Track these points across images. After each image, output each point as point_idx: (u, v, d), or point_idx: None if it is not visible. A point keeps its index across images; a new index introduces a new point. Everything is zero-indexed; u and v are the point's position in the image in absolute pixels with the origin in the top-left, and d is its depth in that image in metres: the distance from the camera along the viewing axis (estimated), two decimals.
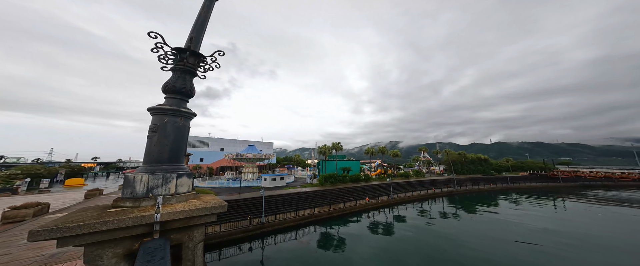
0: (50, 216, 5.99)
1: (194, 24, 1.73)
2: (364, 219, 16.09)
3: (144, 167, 1.32)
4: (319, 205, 17.02)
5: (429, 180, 32.36)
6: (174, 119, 1.44)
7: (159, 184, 1.28)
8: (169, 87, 1.50)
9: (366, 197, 20.48)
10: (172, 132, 1.42)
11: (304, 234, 12.59)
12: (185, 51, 1.57)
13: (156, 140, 1.37)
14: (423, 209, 19.72)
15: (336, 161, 30.67)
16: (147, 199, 1.23)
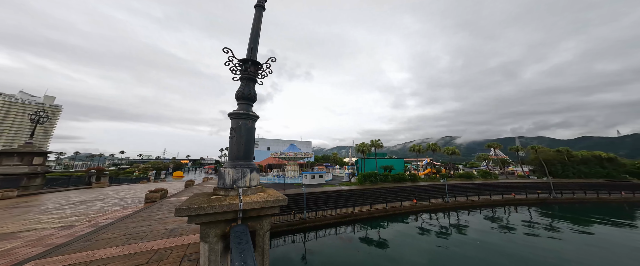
0: (169, 199, 8.28)
1: (250, 35, 1.97)
2: (411, 222, 14.50)
3: (230, 162, 1.59)
4: (359, 204, 16.56)
5: (504, 183, 25.55)
6: (245, 122, 1.69)
7: (239, 177, 1.52)
8: (239, 95, 1.76)
9: (413, 199, 18.39)
10: (244, 133, 1.67)
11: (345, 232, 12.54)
12: (248, 61, 1.80)
13: (235, 140, 1.62)
14: (496, 217, 15.75)
15: (376, 159, 28.96)
16: (233, 190, 1.47)
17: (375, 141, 29.54)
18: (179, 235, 4.31)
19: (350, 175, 28.58)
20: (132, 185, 15.94)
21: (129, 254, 3.33)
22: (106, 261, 3.03)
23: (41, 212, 6.19)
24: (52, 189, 11.41)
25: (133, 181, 24.21)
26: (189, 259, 3.20)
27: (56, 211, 6.32)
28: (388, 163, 30.61)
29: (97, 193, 10.13)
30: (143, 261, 3.20)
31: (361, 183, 22.45)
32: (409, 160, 46.96)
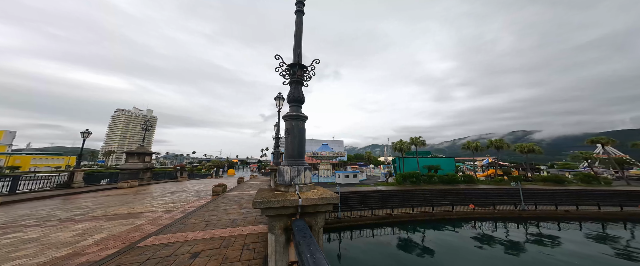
0: (228, 193, 9.82)
1: (294, 41, 2.09)
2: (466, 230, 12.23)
3: (286, 161, 1.74)
4: (398, 206, 15.20)
5: (624, 191, 18.23)
6: (297, 123, 1.81)
7: (296, 175, 1.63)
8: (290, 97, 1.89)
9: (470, 204, 15.47)
10: (297, 133, 1.79)
11: (382, 234, 11.73)
12: (295, 65, 1.91)
13: (290, 140, 1.76)
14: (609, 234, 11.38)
15: (417, 158, 25.97)
16: (291, 186, 1.59)
17: (415, 138, 26.48)
18: (239, 226, 4.96)
19: (387, 175, 26.64)
20: (202, 179, 19.84)
21: (207, 238, 4.07)
22: (195, 243, 3.77)
23: (152, 199, 8.44)
24: (155, 181, 15.51)
25: (202, 176, 30.07)
26: (248, 248, 3.67)
27: (160, 198, 8.49)
28: (433, 163, 26.85)
29: (182, 186, 13.00)
30: (216, 245, 3.85)
31: (400, 184, 20.56)
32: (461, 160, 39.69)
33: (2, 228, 4.54)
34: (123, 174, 13.41)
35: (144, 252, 3.35)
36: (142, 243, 3.69)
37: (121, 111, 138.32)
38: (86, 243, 3.69)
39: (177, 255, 3.30)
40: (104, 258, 3.13)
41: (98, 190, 10.26)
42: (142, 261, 3.03)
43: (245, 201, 7.80)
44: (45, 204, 7.18)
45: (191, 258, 3.18)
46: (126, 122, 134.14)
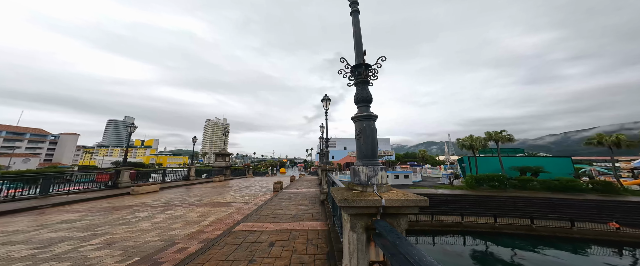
0: (285, 190, 11.01)
1: (354, 42, 2.09)
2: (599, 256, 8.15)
3: (361, 161, 1.76)
4: (470, 213, 12.22)
5: None
6: (369, 123, 1.81)
7: (372, 175, 1.63)
8: (359, 98, 1.91)
9: (611, 222, 10.45)
10: (370, 133, 1.78)
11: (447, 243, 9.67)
12: (361, 66, 1.92)
13: (363, 141, 1.77)
14: None
15: (499, 157, 20.15)
16: (369, 186, 1.60)
17: (496, 133, 20.54)
18: (299, 221, 5.39)
19: (451, 177, 21.87)
20: (262, 177, 23.25)
21: (277, 230, 4.63)
22: (269, 233, 4.38)
23: (233, 191, 10.62)
24: (232, 177, 19.59)
25: (262, 174, 35.27)
26: (311, 243, 3.95)
27: (238, 192, 10.55)
28: (529, 163, 19.83)
29: (250, 182, 15.69)
30: (285, 237, 4.31)
31: (472, 188, 16.41)
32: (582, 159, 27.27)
33: (163, 206, 6.88)
34: (214, 170, 17.82)
35: (238, 236, 4.17)
36: (235, 228, 4.62)
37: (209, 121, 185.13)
38: (205, 223, 4.98)
39: (259, 242, 3.91)
40: (217, 236, 4.13)
41: (202, 183, 14.02)
42: (239, 243, 3.79)
43: (300, 199, 8.46)
44: (178, 191, 10.45)
45: (269, 246, 3.71)
46: (212, 129, 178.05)
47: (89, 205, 6.73)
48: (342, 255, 2.90)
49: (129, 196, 8.51)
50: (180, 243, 3.73)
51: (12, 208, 5.83)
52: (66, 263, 2.94)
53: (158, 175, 13.22)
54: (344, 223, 1.78)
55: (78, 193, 8.35)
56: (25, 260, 3.03)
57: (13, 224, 4.72)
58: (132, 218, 5.24)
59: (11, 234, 4.06)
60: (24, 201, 6.79)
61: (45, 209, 6.05)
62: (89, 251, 3.36)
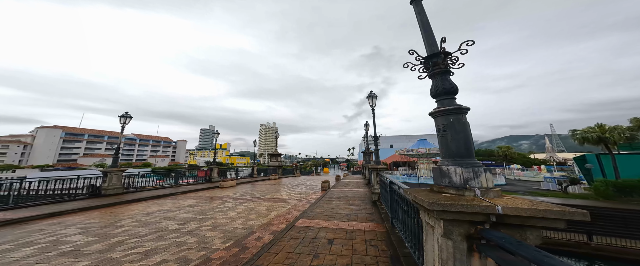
0: (333, 189, 11.14)
1: (423, 31, 1.87)
2: None
3: (450, 161, 1.54)
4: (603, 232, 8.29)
5: None
6: (458, 116, 1.57)
7: (471, 177, 1.39)
8: (439, 91, 1.70)
9: None
10: (460, 128, 1.54)
11: None
12: (437, 55, 1.70)
13: (450, 138, 1.55)
14: None
15: None
16: (467, 190, 1.36)
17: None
18: (353, 221, 5.24)
19: (565, 181, 15.53)
20: (308, 176, 24.48)
21: (333, 228, 4.67)
22: (326, 230, 4.49)
23: (287, 189, 11.63)
24: (284, 176, 21.77)
25: (307, 173, 37.28)
26: (371, 244, 3.77)
27: (291, 189, 11.48)
28: None
29: (299, 181, 16.87)
30: (342, 236, 4.28)
31: (606, 198, 11.10)
32: None
33: (240, 199, 8.28)
34: (270, 169, 20.45)
35: (300, 231, 4.46)
36: (296, 223, 4.95)
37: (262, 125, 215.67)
38: (271, 217, 5.61)
39: (319, 238, 4.06)
40: (282, 229, 4.56)
41: (262, 180, 16.34)
42: (301, 238, 4.06)
43: (350, 198, 8.29)
44: (247, 186, 12.57)
45: (328, 243, 3.78)
46: (265, 133, 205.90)
47: (198, 194, 9.11)
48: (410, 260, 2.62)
49: (218, 189, 10.91)
50: (257, 232, 4.36)
51: (162, 193, 8.75)
52: (195, 238, 3.92)
53: (233, 173, 16.49)
54: (426, 228, 1.59)
55: (191, 185, 11.59)
56: (175, 232, 4.26)
57: (165, 205, 7.01)
58: (224, 208, 6.35)
59: (166, 212, 6.01)
60: (167, 189, 10.06)
61: (177, 195, 8.70)
62: (205, 231, 4.27)
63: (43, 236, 3.97)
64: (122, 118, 9.37)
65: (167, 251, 3.35)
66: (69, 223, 4.77)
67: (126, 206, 6.57)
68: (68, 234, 4.11)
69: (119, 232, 4.21)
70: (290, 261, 3.07)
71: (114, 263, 2.95)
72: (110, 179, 8.17)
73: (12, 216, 5.02)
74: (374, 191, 7.13)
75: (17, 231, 4.27)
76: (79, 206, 6.20)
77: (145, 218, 5.19)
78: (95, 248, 3.50)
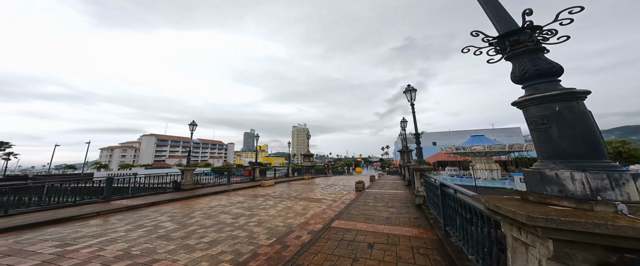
0: (368, 190, 10.58)
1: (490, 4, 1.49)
2: None
3: (559, 162, 1.14)
4: None
5: None
6: (569, 104, 1.16)
7: (605, 186, 0.98)
8: (528, 74, 1.30)
9: None
10: (575, 119, 1.13)
11: None
12: (522, 31, 1.30)
13: (557, 132, 1.16)
14: None
15: None
16: (599, 203, 0.97)
17: None
18: (395, 225, 4.76)
19: None
20: (340, 176, 24.14)
21: (372, 231, 4.32)
22: (364, 233, 4.21)
23: (321, 189, 11.59)
24: (316, 175, 22.19)
25: (339, 173, 36.94)
26: (419, 252, 3.29)
27: (325, 189, 11.45)
28: None
29: (331, 180, 16.83)
30: (383, 240, 3.90)
31: None
32: None
33: (279, 197, 8.73)
34: (303, 169, 21.28)
35: (337, 232, 4.31)
36: (332, 224, 4.83)
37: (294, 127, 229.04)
38: (308, 216, 5.64)
39: (357, 241, 3.83)
40: (319, 230, 4.52)
41: (297, 180, 17.07)
42: (339, 240, 3.91)
43: (388, 200, 7.65)
44: (284, 186, 13.30)
45: (369, 248, 3.53)
46: (297, 134, 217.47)
47: (245, 192, 10.25)
48: None
49: (260, 187, 12.00)
50: (296, 231, 4.44)
51: (219, 190, 10.29)
52: (245, 232, 4.19)
53: (271, 172, 17.94)
54: (514, 246, 1.22)
55: (239, 183, 13.22)
56: (230, 225, 4.60)
57: (221, 200, 8.13)
58: (266, 205, 6.62)
59: (223, 206, 6.85)
60: (222, 186, 11.79)
61: (230, 192, 10.05)
62: (252, 226, 4.52)
63: (148, 221, 5.11)
64: (190, 126, 11.56)
65: (224, 243, 3.70)
66: (163, 212, 6.06)
67: (196, 200, 7.96)
68: (162, 220, 5.10)
69: (192, 222, 4.90)
70: (329, 263, 3.00)
71: (189, 249, 3.41)
72: (186, 176, 10.13)
73: (130, 203, 6.84)
74: (418, 193, 6.38)
75: (134, 215, 5.70)
76: (168, 197, 7.90)
77: (209, 212, 5.91)
78: (178, 234, 4.12)
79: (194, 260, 3.06)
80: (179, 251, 3.34)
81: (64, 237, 3.99)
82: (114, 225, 4.74)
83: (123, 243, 3.67)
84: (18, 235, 4.10)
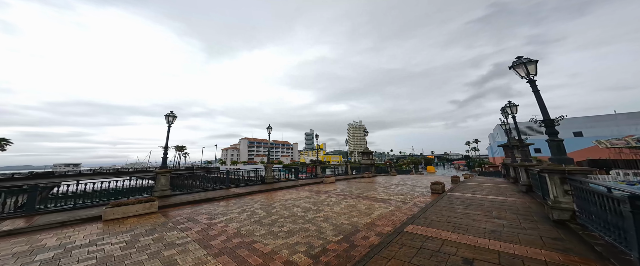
0: (451, 194, 8.48)
1: None
2: None
3: None
4: None
5: None
6: None
7: None
8: None
9: None
10: None
11: None
12: None
13: None
14: None
15: None
16: None
17: None
18: (508, 241, 3.51)
19: None
20: (407, 175, 21.01)
21: (469, 245, 3.42)
22: (456, 245, 3.40)
23: (385, 188, 10.54)
24: (376, 174, 20.69)
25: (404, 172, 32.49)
26: None
27: (389, 189, 10.26)
28: None
29: (396, 180, 15.01)
30: (491, 259, 2.95)
31: None
32: None
33: (341, 195, 8.88)
34: (362, 167, 20.61)
35: (413, 239, 3.75)
36: (405, 228, 4.28)
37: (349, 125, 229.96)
38: (373, 216, 5.38)
39: (445, 253, 3.16)
40: (389, 233, 4.14)
41: (356, 178, 16.74)
42: (417, 247, 3.39)
43: (488, 208, 5.80)
44: (344, 183, 13.49)
45: (464, 263, 2.85)
46: (352, 132, 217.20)
47: (310, 188, 11.40)
48: None
49: (322, 184, 12.91)
50: (362, 231, 4.31)
51: (290, 185, 12.17)
52: (314, 226, 4.51)
53: (331, 170, 18.86)
54: None
55: (304, 179, 15.02)
56: (301, 218, 5.13)
57: (292, 194, 9.47)
58: (330, 202, 6.98)
59: (294, 200, 7.78)
60: (291, 181, 13.91)
61: (298, 187, 11.58)
62: (319, 221, 4.84)
63: (248, 207, 6.42)
64: (268, 130, 14.60)
65: (298, 234, 4.11)
66: (256, 200, 7.78)
67: (275, 193, 9.85)
68: (256, 208, 6.35)
69: (274, 212, 5.83)
70: None
71: (274, 236, 4.03)
72: (267, 172, 12.93)
73: (239, 191, 9.61)
74: (557, 205, 4.22)
75: (241, 201, 7.82)
76: (258, 189, 10.39)
77: (285, 204, 6.87)
78: (266, 221, 4.95)
79: (278, 247, 3.61)
80: (267, 237, 4.02)
81: (209, 212, 5.97)
82: (231, 208, 6.47)
83: (236, 223, 4.88)
84: (192, 207, 6.90)
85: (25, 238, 4.08)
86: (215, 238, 4.00)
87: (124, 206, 5.43)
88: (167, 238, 4.04)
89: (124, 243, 3.80)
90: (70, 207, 6.01)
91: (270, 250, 3.53)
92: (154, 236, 4.10)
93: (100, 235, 4.27)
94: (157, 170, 8.53)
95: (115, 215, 5.28)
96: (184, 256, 3.25)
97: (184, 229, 4.54)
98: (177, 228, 4.62)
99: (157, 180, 8.26)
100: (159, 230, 4.50)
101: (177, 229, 4.55)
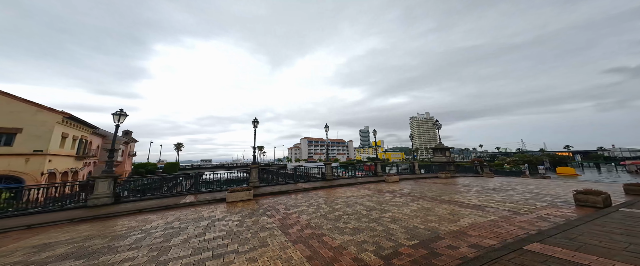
0: (625, 210, 5.22)
1: None
2: None
3: None
4: None
5: None
6: None
7: None
8: None
9: None
10: None
11: None
12: None
13: None
14: None
15: None
16: None
17: None
18: None
19: None
20: (511, 178, 15.03)
21: None
22: None
23: (476, 192, 8.21)
24: (459, 174, 16.30)
25: (508, 173, 23.39)
26: None
27: (486, 194, 7.82)
28: None
29: (495, 183, 11.10)
30: None
31: None
32: None
33: (409, 196, 7.88)
34: (435, 166, 17.03)
35: (546, 261, 2.71)
36: (526, 246, 3.17)
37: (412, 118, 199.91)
38: (462, 224, 4.37)
39: None
40: (492, 247, 3.20)
41: (427, 178, 14.10)
42: None
43: None
44: (410, 183, 11.69)
45: None
46: (417, 125, 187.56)
47: (371, 186, 10.90)
48: None
49: (384, 183, 11.93)
50: (446, 239, 3.63)
51: (349, 182, 12.25)
52: (381, 226, 4.33)
53: (392, 168, 17.05)
54: None
55: (362, 177, 14.59)
56: (365, 217, 5.03)
57: (353, 191, 9.45)
58: (397, 203, 6.48)
59: (356, 198, 7.77)
60: (350, 179, 13.96)
61: (357, 185, 11.45)
62: (387, 222, 4.57)
63: (314, 201, 6.99)
64: (325, 128, 15.61)
65: (364, 233, 4.02)
66: (319, 195, 8.55)
67: (335, 189, 10.23)
68: (321, 202, 6.81)
69: (337, 208, 5.99)
70: None
71: (340, 232, 4.13)
72: (327, 169, 13.80)
73: (304, 186, 10.91)
74: None
75: (307, 195, 8.68)
76: (319, 185, 11.31)
77: (347, 201, 7.00)
78: (331, 216, 5.14)
79: (345, 242, 3.67)
80: (334, 231, 4.16)
81: (285, 203, 7.30)
82: (300, 201, 7.27)
83: (306, 215, 5.35)
84: (273, 198, 8.48)
85: (193, 210, 6.45)
86: (292, 227, 4.53)
87: (236, 192, 7.40)
88: (261, 222, 4.92)
89: (237, 222, 4.94)
90: (211, 190, 9.39)
91: (338, 244, 3.63)
92: (253, 219, 5.15)
93: (226, 213, 5.81)
94: (251, 165, 11.39)
95: (231, 199, 7.23)
96: (272, 240, 3.86)
97: (270, 216, 5.42)
98: (265, 214, 5.58)
99: (251, 174, 11.06)
100: (255, 214, 5.60)
101: (265, 215, 5.50)
